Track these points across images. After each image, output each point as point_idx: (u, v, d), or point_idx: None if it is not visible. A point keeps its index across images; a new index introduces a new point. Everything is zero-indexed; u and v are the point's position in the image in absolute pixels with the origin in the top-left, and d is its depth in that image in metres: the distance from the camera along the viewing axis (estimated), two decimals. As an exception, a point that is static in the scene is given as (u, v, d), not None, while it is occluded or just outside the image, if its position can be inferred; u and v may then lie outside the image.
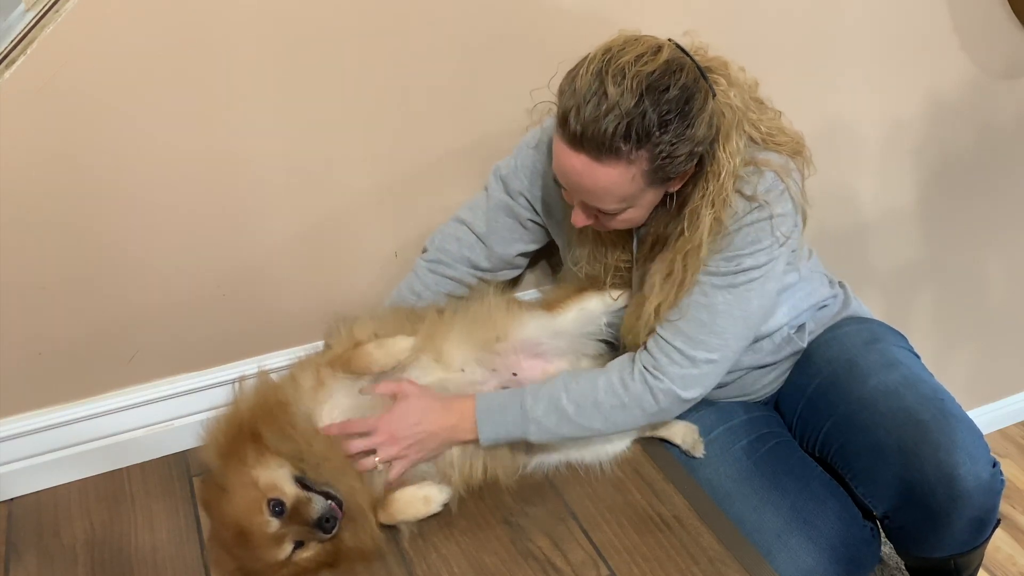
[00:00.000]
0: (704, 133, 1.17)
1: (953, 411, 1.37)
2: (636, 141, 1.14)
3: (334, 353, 1.32)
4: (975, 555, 1.45)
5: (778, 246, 1.27)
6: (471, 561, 1.27)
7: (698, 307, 1.29)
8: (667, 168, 1.18)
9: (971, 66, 1.90)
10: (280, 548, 1.19)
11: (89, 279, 1.33)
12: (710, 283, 1.28)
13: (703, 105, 1.17)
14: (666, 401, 1.32)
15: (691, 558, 1.28)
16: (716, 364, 1.32)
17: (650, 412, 1.33)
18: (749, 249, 1.26)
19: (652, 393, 1.31)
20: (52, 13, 1.15)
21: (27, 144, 1.21)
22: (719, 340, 1.30)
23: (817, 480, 1.44)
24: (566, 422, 1.32)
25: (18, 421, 1.38)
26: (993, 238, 2.24)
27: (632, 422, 1.35)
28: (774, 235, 1.26)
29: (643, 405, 1.32)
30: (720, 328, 1.29)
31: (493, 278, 1.53)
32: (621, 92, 1.12)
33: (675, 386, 1.31)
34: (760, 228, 1.25)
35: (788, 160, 1.28)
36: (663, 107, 1.13)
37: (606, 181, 1.18)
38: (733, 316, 1.29)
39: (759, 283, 1.29)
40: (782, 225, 1.26)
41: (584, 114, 1.14)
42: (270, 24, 1.28)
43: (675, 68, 1.15)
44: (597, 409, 1.32)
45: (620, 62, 1.14)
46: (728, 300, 1.28)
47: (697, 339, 1.30)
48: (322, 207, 1.45)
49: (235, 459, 1.21)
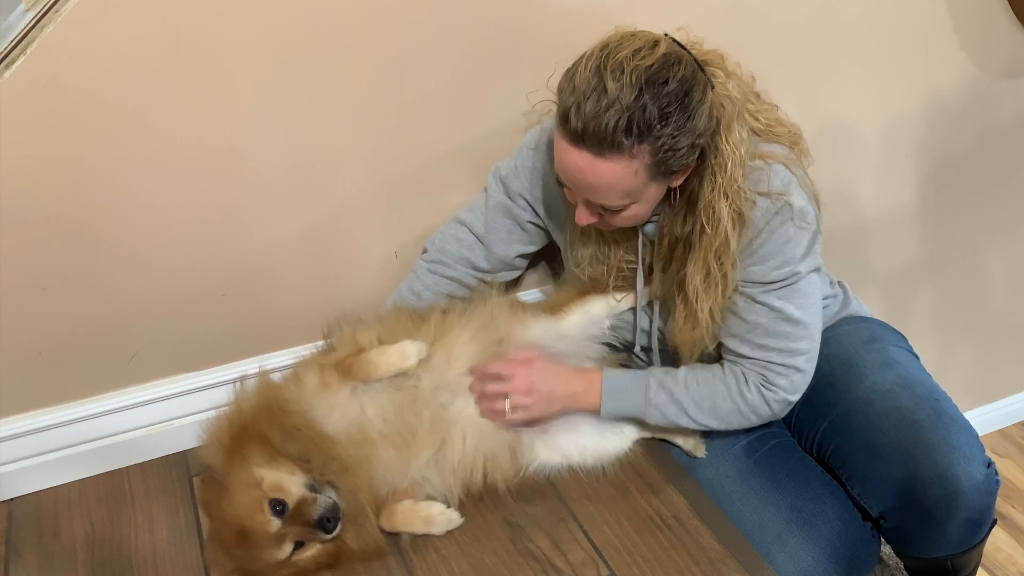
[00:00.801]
0: (705, 125, 1.18)
1: (949, 411, 1.37)
2: (638, 135, 1.14)
3: (337, 357, 1.32)
4: (972, 555, 1.45)
5: (808, 236, 1.29)
6: (471, 561, 1.28)
7: (777, 322, 1.31)
8: (669, 161, 1.18)
9: (971, 66, 1.90)
10: (280, 548, 1.19)
11: (89, 279, 1.33)
12: (775, 296, 1.31)
13: (702, 97, 1.17)
14: (779, 407, 1.37)
15: (691, 558, 1.28)
16: (812, 358, 1.36)
17: (764, 416, 1.38)
18: (788, 251, 1.28)
19: (768, 403, 1.36)
20: (52, 13, 1.15)
21: (27, 144, 1.21)
22: (807, 341, 1.34)
23: (817, 480, 1.44)
24: (684, 416, 1.38)
25: (18, 421, 1.38)
26: (993, 238, 2.24)
27: (746, 424, 1.40)
28: (799, 225, 1.27)
29: (758, 412, 1.37)
30: (803, 330, 1.32)
31: (493, 279, 1.53)
32: (621, 87, 1.13)
33: (787, 394, 1.35)
34: (786, 227, 1.26)
35: (789, 150, 1.30)
36: (663, 100, 1.14)
37: (609, 177, 1.18)
38: (807, 312, 1.32)
39: (809, 275, 1.32)
40: (805, 216, 1.27)
41: (585, 111, 1.14)
42: (269, 24, 1.28)
43: (673, 61, 1.16)
44: (715, 411, 1.38)
45: (618, 57, 1.14)
46: (798, 303, 1.31)
47: (790, 349, 1.33)
48: (322, 207, 1.45)
49: (238, 458, 1.21)
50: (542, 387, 1.35)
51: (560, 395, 1.37)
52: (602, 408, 1.39)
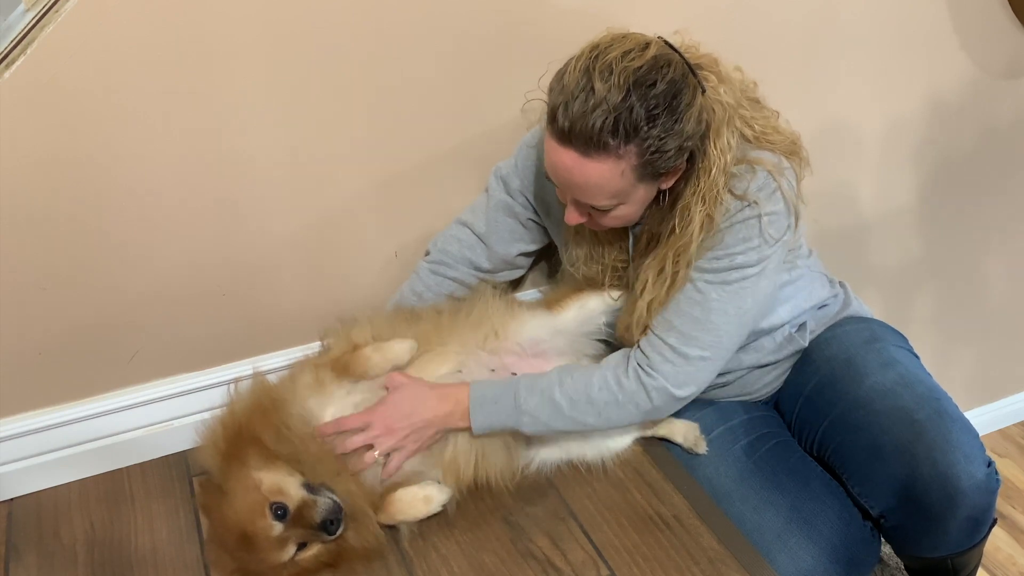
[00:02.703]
0: (693, 128, 1.18)
1: (949, 410, 1.37)
2: (624, 136, 1.14)
3: (332, 356, 1.32)
4: (972, 554, 1.45)
5: (768, 246, 1.26)
6: (471, 561, 1.28)
7: (691, 303, 1.29)
8: (657, 163, 1.18)
9: (971, 66, 1.90)
10: (283, 551, 1.18)
11: (89, 279, 1.33)
12: (703, 280, 1.28)
13: (692, 100, 1.17)
14: (659, 399, 1.32)
15: (691, 558, 1.28)
16: (709, 362, 1.32)
17: (644, 409, 1.33)
18: (740, 247, 1.26)
19: (646, 391, 1.31)
20: (52, 13, 1.15)
21: (27, 144, 1.21)
22: (712, 337, 1.30)
23: (817, 480, 1.44)
24: (559, 416, 1.32)
25: (18, 421, 1.38)
26: (993, 238, 2.24)
27: (626, 419, 1.35)
28: (764, 234, 1.25)
29: (637, 402, 1.32)
30: (713, 325, 1.29)
31: (494, 279, 1.53)
32: (608, 87, 1.13)
33: (668, 384, 1.31)
34: (750, 226, 1.25)
35: (782, 159, 1.28)
36: (650, 101, 1.14)
37: (596, 177, 1.18)
38: (727, 313, 1.29)
39: (752, 281, 1.28)
40: (773, 224, 1.25)
41: (572, 110, 1.14)
42: (269, 24, 1.28)
43: (663, 63, 1.16)
44: (591, 405, 1.32)
45: (607, 58, 1.15)
46: (721, 297, 1.28)
47: (690, 336, 1.30)
48: (322, 206, 1.45)
49: (235, 462, 1.21)
50: (403, 421, 1.28)
51: (426, 421, 1.29)
52: (473, 424, 1.31)
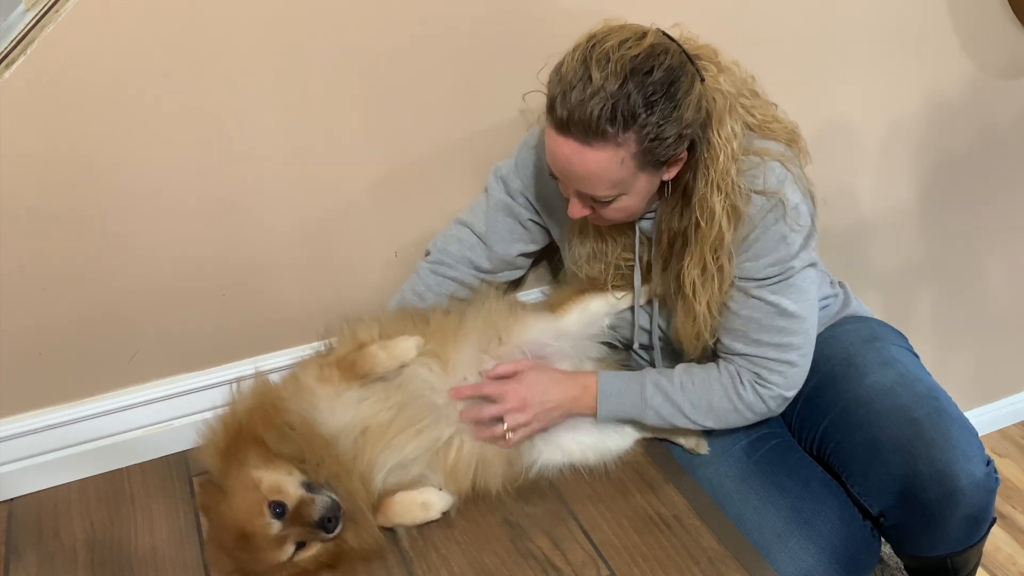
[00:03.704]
0: (693, 116, 1.18)
1: (948, 409, 1.37)
2: (622, 123, 1.15)
3: (338, 354, 1.32)
4: (971, 553, 1.45)
5: (802, 234, 1.29)
6: (471, 561, 1.28)
7: (771, 316, 1.32)
8: (656, 151, 1.18)
9: (971, 66, 1.90)
10: (282, 550, 1.18)
11: (89, 279, 1.33)
12: (770, 291, 1.31)
13: (690, 88, 1.18)
14: (775, 404, 1.38)
15: (691, 558, 1.28)
16: (807, 356, 1.37)
17: (761, 413, 1.39)
18: (782, 248, 1.28)
19: (763, 400, 1.37)
20: (52, 13, 1.15)
21: (27, 144, 1.21)
22: (802, 337, 1.34)
23: (817, 480, 1.44)
24: (681, 416, 1.38)
25: (18, 421, 1.38)
26: (993, 238, 2.24)
27: (743, 422, 1.40)
28: (797, 225, 1.27)
29: (755, 409, 1.38)
30: (797, 323, 1.33)
31: (495, 279, 1.53)
32: (605, 76, 1.14)
33: (782, 390, 1.36)
34: (780, 225, 1.27)
35: (786, 148, 1.30)
36: (648, 88, 1.14)
37: (595, 165, 1.19)
38: (802, 306, 1.32)
39: (804, 270, 1.32)
40: (800, 215, 1.27)
41: (570, 99, 1.15)
42: (269, 23, 1.28)
43: (660, 52, 1.16)
44: (712, 411, 1.38)
45: (604, 47, 1.15)
46: (792, 297, 1.31)
47: (784, 344, 1.33)
48: (322, 206, 1.45)
49: (235, 461, 1.21)
50: (536, 399, 1.34)
51: (556, 403, 1.36)
52: (598, 412, 1.38)
